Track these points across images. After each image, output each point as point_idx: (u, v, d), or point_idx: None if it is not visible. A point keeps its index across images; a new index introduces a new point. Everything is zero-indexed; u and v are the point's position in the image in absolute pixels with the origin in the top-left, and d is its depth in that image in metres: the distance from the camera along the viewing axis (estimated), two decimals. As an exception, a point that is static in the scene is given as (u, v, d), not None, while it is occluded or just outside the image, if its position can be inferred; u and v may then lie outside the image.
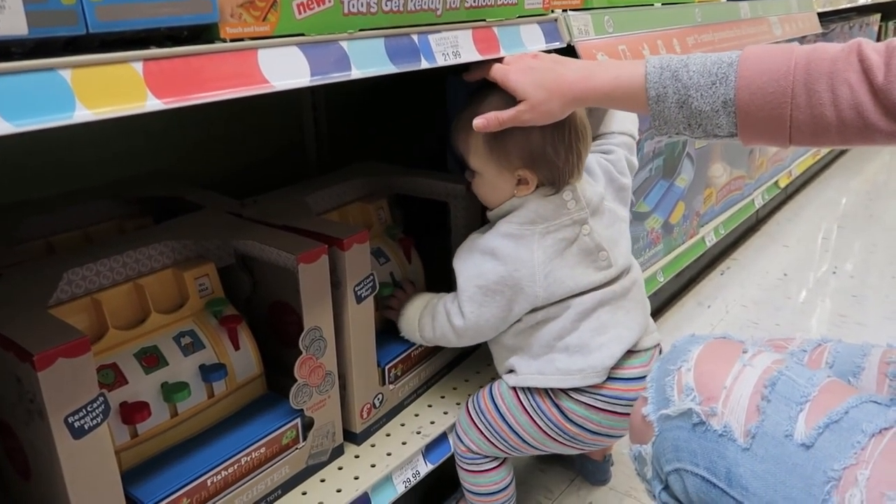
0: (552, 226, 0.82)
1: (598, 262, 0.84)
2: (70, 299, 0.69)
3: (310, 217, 0.87)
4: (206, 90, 0.51)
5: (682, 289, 1.77)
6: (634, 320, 0.87)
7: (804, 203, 2.43)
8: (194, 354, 0.75)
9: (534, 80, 0.74)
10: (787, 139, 0.62)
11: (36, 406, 0.55)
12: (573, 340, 0.84)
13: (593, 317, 0.84)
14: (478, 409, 0.90)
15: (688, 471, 0.54)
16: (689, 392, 0.55)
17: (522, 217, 0.83)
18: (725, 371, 0.55)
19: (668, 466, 0.56)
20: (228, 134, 1.15)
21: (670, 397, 0.56)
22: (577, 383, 0.84)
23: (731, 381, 0.53)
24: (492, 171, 0.84)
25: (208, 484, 0.71)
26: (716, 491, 0.52)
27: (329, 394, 0.82)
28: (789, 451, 0.48)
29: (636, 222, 1.35)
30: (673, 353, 0.60)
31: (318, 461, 0.84)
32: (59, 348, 0.55)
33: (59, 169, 0.97)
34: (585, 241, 0.83)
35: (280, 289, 0.82)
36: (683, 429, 0.54)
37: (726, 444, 0.51)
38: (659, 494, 0.59)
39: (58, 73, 0.44)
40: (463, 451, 0.91)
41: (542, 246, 0.82)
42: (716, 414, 0.53)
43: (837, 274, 1.86)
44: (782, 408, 0.50)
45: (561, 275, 0.82)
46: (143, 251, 0.75)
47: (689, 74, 0.65)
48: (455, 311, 0.86)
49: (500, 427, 0.88)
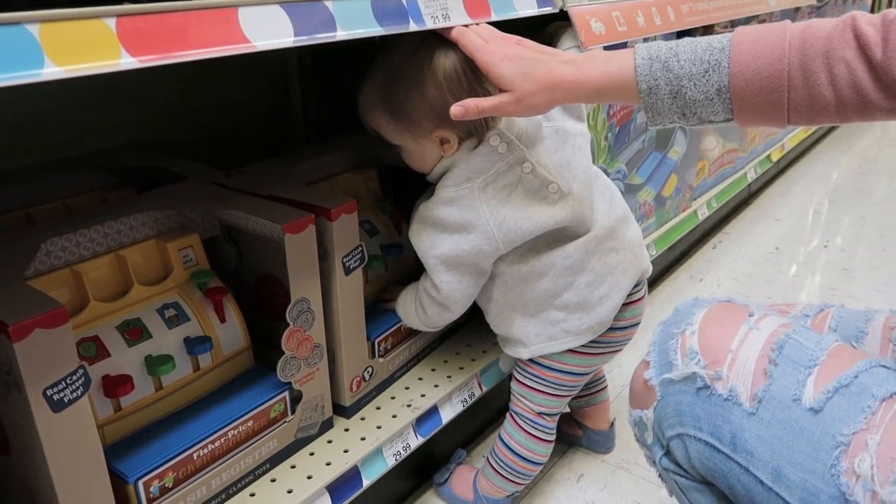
0: (488, 177, 0.79)
1: (549, 197, 0.81)
2: (49, 271, 0.67)
3: (297, 187, 0.85)
4: (183, 49, 0.49)
5: (675, 262, 1.76)
6: (627, 259, 0.86)
7: (796, 177, 2.42)
8: (179, 327, 0.73)
9: (522, 70, 0.69)
10: (785, 120, 0.61)
11: (13, 378, 0.54)
12: (572, 298, 0.83)
13: (586, 269, 0.83)
14: (527, 374, 0.91)
15: (691, 436, 0.53)
16: (694, 356, 0.54)
17: (456, 178, 0.80)
18: (731, 334, 0.53)
19: (671, 431, 0.55)
20: (213, 103, 1.13)
21: (673, 361, 0.55)
22: (589, 338, 0.85)
23: (737, 345, 0.52)
24: (410, 142, 0.82)
25: (194, 458, 0.70)
26: (719, 456, 0.51)
27: (317, 367, 0.81)
28: (797, 416, 0.47)
29: (629, 195, 1.33)
30: (676, 316, 0.58)
31: (307, 434, 0.83)
32: (36, 319, 0.53)
33: (37, 139, 0.94)
34: (529, 180, 0.80)
35: (267, 260, 0.80)
36: (687, 393, 0.53)
37: (731, 409, 0.50)
38: (660, 460, 0.58)
39: (24, 28, 0.42)
40: (535, 417, 0.92)
41: (484, 199, 0.79)
42: (721, 378, 0.52)
43: (828, 247, 1.86)
44: (790, 371, 0.49)
45: (514, 220, 0.80)
46: (125, 221, 0.73)
47: (681, 64, 0.62)
48: (430, 286, 0.85)
49: (556, 377, 0.89)
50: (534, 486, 1.04)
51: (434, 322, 0.90)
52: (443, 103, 0.76)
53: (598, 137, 1.18)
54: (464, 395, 0.97)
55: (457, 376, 0.97)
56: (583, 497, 1.02)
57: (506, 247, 0.81)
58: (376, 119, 0.82)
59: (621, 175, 1.29)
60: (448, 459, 1.03)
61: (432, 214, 0.81)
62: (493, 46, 0.71)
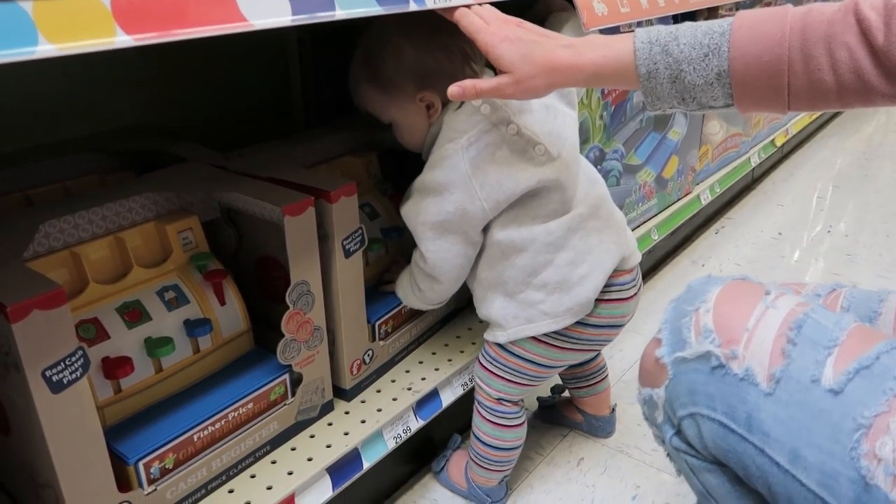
0: (472, 136, 0.80)
1: (536, 158, 0.81)
2: (47, 252, 0.67)
3: (297, 170, 0.84)
4: (179, 27, 0.48)
5: (677, 247, 1.75)
6: (610, 240, 0.85)
7: (800, 162, 2.41)
8: (179, 309, 0.73)
9: (521, 52, 0.68)
10: (786, 106, 0.60)
11: (12, 359, 0.54)
12: (551, 276, 0.82)
13: (567, 247, 0.82)
14: (491, 359, 0.90)
15: (704, 415, 0.52)
16: (708, 334, 0.52)
17: (442, 139, 0.81)
18: (747, 312, 0.52)
19: (683, 411, 0.54)
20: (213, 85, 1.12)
21: (687, 339, 0.53)
22: (569, 322, 0.84)
23: (754, 323, 0.51)
24: (398, 113, 0.84)
25: (195, 439, 0.70)
26: (734, 437, 0.50)
27: (317, 349, 0.81)
28: (816, 397, 0.46)
29: (628, 175, 1.33)
30: (689, 293, 0.57)
31: (308, 417, 0.83)
32: (34, 299, 0.53)
33: (36, 122, 0.93)
34: (514, 140, 0.80)
35: (266, 243, 0.80)
36: (701, 372, 0.52)
37: (747, 389, 0.49)
38: (670, 440, 0.57)
39: (18, 5, 0.41)
40: (493, 404, 0.91)
41: (467, 158, 0.79)
42: (737, 357, 0.50)
43: (832, 233, 1.86)
44: (809, 352, 0.48)
45: (496, 177, 0.79)
46: (124, 203, 0.73)
47: (680, 48, 0.61)
48: (419, 257, 0.85)
49: (515, 363, 0.88)
50: (534, 469, 1.05)
51: (429, 297, 0.89)
52: (420, 64, 0.80)
53: (592, 116, 1.17)
54: (464, 379, 0.97)
55: (457, 359, 0.97)
56: (583, 480, 1.03)
57: (490, 206, 0.80)
58: (365, 95, 0.85)
59: (619, 155, 1.28)
60: (448, 443, 1.03)
61: (419, 181, 0.83)
62: (494, 28, 0.70)
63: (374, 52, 0.82)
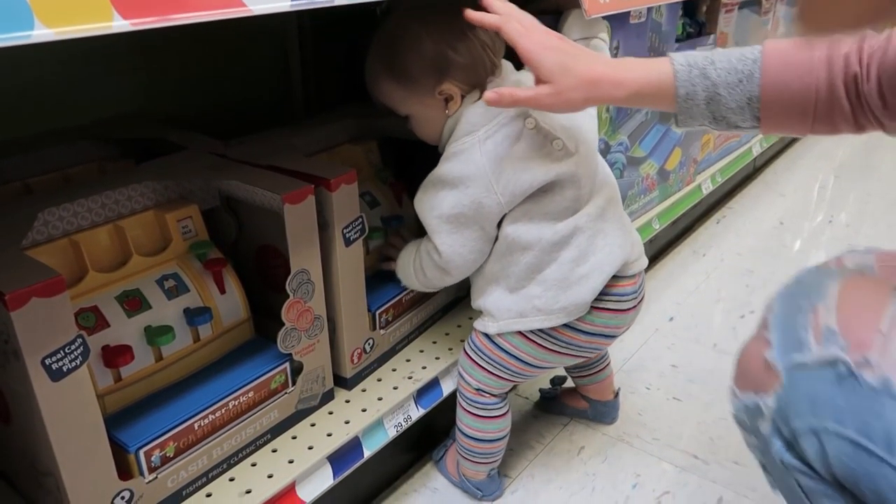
0: (490, 129, 0.79)
1: (554, 153, 0.80)
2: (46, 241, 0.66)
3: (297, 158, 0.84)
4: (177, 11, 0.47)
5: (678, 237, 1.75)
6: (616, 242, 0.84)
7: (801, 152, 2.40)
8: (178, 298, 0.73)
9: (562, 63, 0.68)
10: (809, 130, 0.64)
11: (11, 347, 0.54)
12: (552, 273, 0.81)
13: (572, 245, 0.81)
14: (476, 349, 0.89)
15: (830, 431, 0.45)
16: (832, 336, 0.45)
17: (460, 132, 0.80)
18: (878, 312, 0.45)
19: (801, 424, 0.46)
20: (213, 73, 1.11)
21: (804, 341, 0.46)
22: (562, 321, 0.83)
23: (889, 325, 0.43)
24: (417, 106, 0.83)
25: (195, 428, 0.70)
26: (871, 459, 0.43)
27: (318, 338, 0.80)
28: None
29: (631, 167, 1.32)
30: (801, 287, 0.50)
31: (309, 406, 0.83)
32: (33, 287, 0.53)
33: (35, 110, 0.93)
34: (532, 135, 0.80)
35: (266, 231, 0.79)
36: (825, 381, 0.45)
37: (885, 402, 0.42)
38: (780, 454, 0.49)
39: (14, -11, 0.41)
40: (474, 395, 0.90)
41: (484, 151, 0.78)
42: (870, 364, 0.43)
43: (833, 223, 1.85)
44: None
45: (512, 171, 0.79)
46: (123, 192, 0.73)
47: (717, 72, 0.65)
48: (431, 249, 0.84)
49: (499, 356, 0.87)
50: (534, 458, 1.05)
51: (433, 284, 0.89)
52: (441, 57, 0.79)
53: (599, 109, 1.16)
54: (465, 368, 0.97)
55: (458, 348, 0.97)
56: (583, 469, 1.03)
57: (506, 200, 0.79)
58: (383, 88, 0.83)
59: (623, 148, 1.28)
60: (447, 432, 1.03)
61: (435, 174, 0.81)
62: (536, 36, 0.71)
63: (392, 44, 0.80)
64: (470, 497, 0.97)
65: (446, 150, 0.82)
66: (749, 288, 1.54)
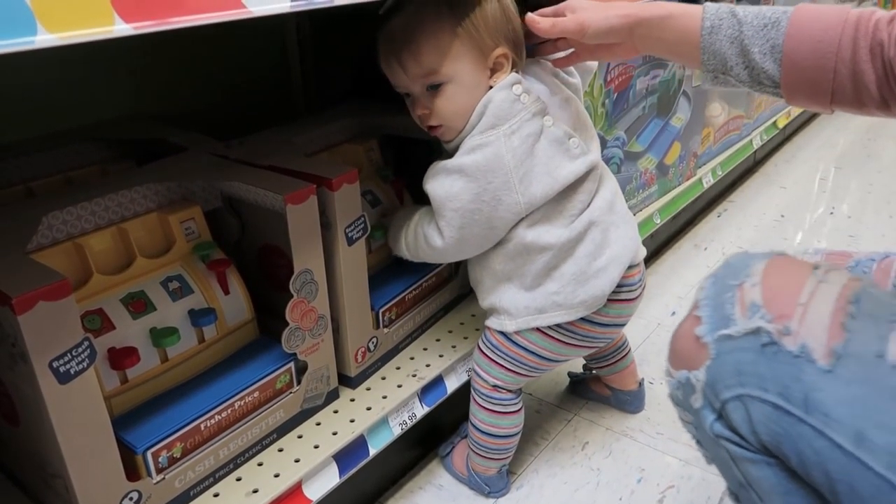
0: (514, 124, 0.78)
1: (571, 150, 0.81)
2: (51, 244, 0.67)
3: (298, 157, 0.84)
4: (177, 14, 0.48)
5: (679, 231, 1.75)
6: (626, 235, 0.85)
7: (802, 144, 2.40)
8: (183, 299, 0.73)
9: None
10: (829, 98, 0.61)
11: (18, 350, 0.54)
12: (569, 269, 0.82)
13: (587, 239, 0.82)
14: (492, 346, 0.89)
15: (754, 397, 0.48)
16: (756, 309, 0.49)
17: (483, 125, 0.79)
18: (798, 286, 0.48)
19: (728, 393, 0.50)
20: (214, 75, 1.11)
21: (731, 315, 0.50)
22: (581, 314, 0.84)
23: (807, 297, 0.47)
24: (467, 67, 0.78)
25: (202, 428, 0.70)
26: (789, 419, 0.46)
27: (322, 337, 0.81)
28: (882, 373, 0.43)
29: (629, 162, 1.32)
30: (729, 268, 0.54)
31: (314, 405, 0.83)
32: (39, 291, 0.53)
33: (36, 112, 0.93)
34: (552, 131, 0.80)
35: (269, 231, 0.80)
36: (749, 350, 0.48)
37: (803, 366, 0.45)
38: (711, 425, 0.52)
39: (16, -6, 0.41)
40: (490, 391, 0.90)
41: (510, 148, 0.78)
42: (790, 333, 0.47)
43: (834, 214, 1.85)
44: (870, 326, 0.45)
45: (537, 173, 0.79)
46: (126, 194, 0.73)
47: (745, 14, 0.65)
48: (434, 234, 0.83)
49: (517, 353, 0.87)
50: (539, 454, 1.05)
51: (421, 258, 0.88)
52: (510, 22, 0.80)
53: (594, 104, 1.16)
54: (469, 365, 0.97)
55: (462, 346, 0.97)
56: (588, 464, 1.03)
57: (525, 200, 0.79)
58: (438, 37, 0.77)
59: (620, 142, 1.28)
60: (452, 429, 1.04)
61: (455, 164, 0.79)
62: None
63: None
64: (476, 493, 0.97)
65: (468, 141, 0.79)
66: (751, 281, 1.53)
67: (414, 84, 0.80)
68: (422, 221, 0.86)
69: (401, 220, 0.90)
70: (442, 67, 0.78)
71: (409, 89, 0.82)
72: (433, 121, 0.81)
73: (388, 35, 0.79)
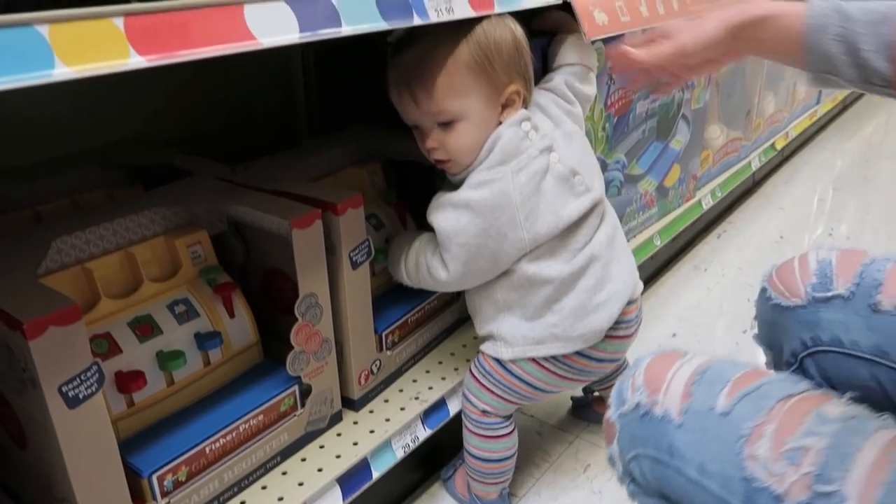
0: (521, 161, 0.79)
1: (576, 188, 0.82)
2: (59, 268, 0.67)
3: (303, 182, 0.85)
4: (190, 47, 0.49)
5: (679, 252, 1.76)
6: (626, 270, 0.86)
7: (800, 165, 2.41)
8: (189, 323, 0.74)
9: None
10: None
11: (28, 375, 0.55)
12: (570, 302, 0.82)
13: (588, 274, 0.83)
14: (485, 372, 0.88)
15: (641, 455, 0.60)
16: (639, 389, 0.61)
17: (490, 161, 0.79)
18: (666, 369, 0.61)
19: (628, 455, 0.62)
20: (218, 99, 1.13)
21: (626, 398, 0.62)
22: (578, 347, 0.84)
23: (671, 376, 0.61)
24: (480, 105, 0.79)
25: (207, 452, 0.70)
26: (662, 466, 0.58)
27: (326, 360, 0.81)
28: (713, 421, 0.56)
29: (629, 184, 1.33)
30: (631, 366, 0.65)
31: (317, 428, 0.84)
32: (50, 316, 0.54)
33: (43, 136, 0.94)
34: (558, 169, 0.81)
35: (274, 255, 0.80)
36: (635, 420, 0.61)
37: (666, 426, 0.58)
38: (628, 486, 0.65)
39: (35, 29, 0.42)
40: (479, 416, 0.90)
41: (517, 185, 0.78)
42: (657, 402, 0.60)
43: (833, 235, 1.86)
44: (707, 389, 0.58)
45: (542, 211, 0.79)
46: (133, 219, 0.74)
47: (852, 9, 0.61)
48: (438, 266, 0.83)
49: (510, 381, 0.87)
50: (541, 476, 1.05)
51: (421, 287, 0.88)
52: (524, 58, 0.81)
53: (595, 128, 1.18)
54: (471, 387, 0.98)
55: (464, 368, 0.97)
56: (589, 487, 1.03)
57: (530, 237, 0.79)
58: (452, 72, 0.76)
59: (620, 165, 1.29)
60: (454, 452, 1.04)
61: (462, 196, 0.79)
62: None
63: (483, 31, 0.77)
64: (478, 516, 0.97)
65: (474, 176, 0.79)
66: (751, 303, 1.52)
67: (425, 119, 0.81)
68: (424, 251, 0.86)
69: (400, 245, 0.90)
70: (456, 105, 0.78)
71: (418, 123, 0.82)
72: (442, 155, 0.82)
73: (401, 68, 0.79)
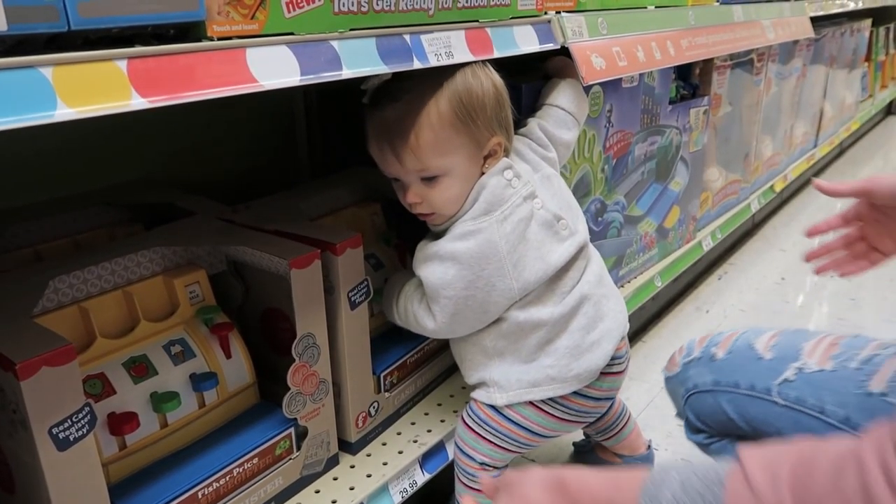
0: (506, 209, 0.79)
1: (560, 233, 0.82)
2: (56, 308, 0.67)
3: (302, 222, 0.86)
4: (192, 89, 0.50)
5: (681, 294, 1.76)
6: (617, 308, 0.86)
7: (800, 207, 2.42)
8: (185, 363, 0.73)
9: None
10: None
11: (19, 416, 0.54)
12: (564, 342, 0.82)
13: (580, 313, 0.82)
14: (479, 421, 0.86)
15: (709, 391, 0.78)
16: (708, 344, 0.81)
17: (475, 211, 0.79)
18: None
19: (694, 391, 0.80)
20: (220, 140, 1.14)
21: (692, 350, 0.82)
22: (574, 387, 0.83)
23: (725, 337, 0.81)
24: (463, 160, 0.79)
25: (199, 496, 0.69)
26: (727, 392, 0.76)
27: (323, 402, 0.80)
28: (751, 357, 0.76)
29: (629, 225, 1.34)
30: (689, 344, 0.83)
31: (313, 471, 0.82)
32: (43, 356, 0.53)
33: (46, 176, 0.95)
34: (542, 214, 0.81)
35: (272, 295, 0.80)
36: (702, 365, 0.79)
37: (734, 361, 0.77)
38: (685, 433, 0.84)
39: (38, 71, 0.43)
40: (477, 470, 0.86)
41: (502, 234, 0.78)
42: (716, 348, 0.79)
43: (835, 277, 1.85)
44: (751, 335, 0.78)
45: (529, 258, 0.79)
46: (132, 258, 0.74)
47: None
48: (425, 315, 0.83)
49: (508, 428, 0.84)
50: (542, 522, 1.02)
51: (410, 328, 0.87)
52: (505, 111, 0.82)
53: (594, 169, 1.18)
54: (470, 430, 0.96)
55: (462, 411, 0.96)
56: (592, 534, 1.00)
57: (519, 286, 0.79)
58: (435, 128, 0.76)
59: (620, 207, 1.30)
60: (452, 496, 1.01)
61: (447, 248, 0.79)
62: None
63: (465, 84, 0.77)
64: (477, 564, 0.94)
65: (459, 226, 0.80)
66: (754, 344, 1.53)
67: (407, 175, 0.80)
68: (412, 299, 0.85)
69: (392, 288, 0.90)
70: (440, 162, 0.78)
71: (400, 177, 0.82)
72: (425, 209, 0.82)
73: (382, 124, 0.78)
